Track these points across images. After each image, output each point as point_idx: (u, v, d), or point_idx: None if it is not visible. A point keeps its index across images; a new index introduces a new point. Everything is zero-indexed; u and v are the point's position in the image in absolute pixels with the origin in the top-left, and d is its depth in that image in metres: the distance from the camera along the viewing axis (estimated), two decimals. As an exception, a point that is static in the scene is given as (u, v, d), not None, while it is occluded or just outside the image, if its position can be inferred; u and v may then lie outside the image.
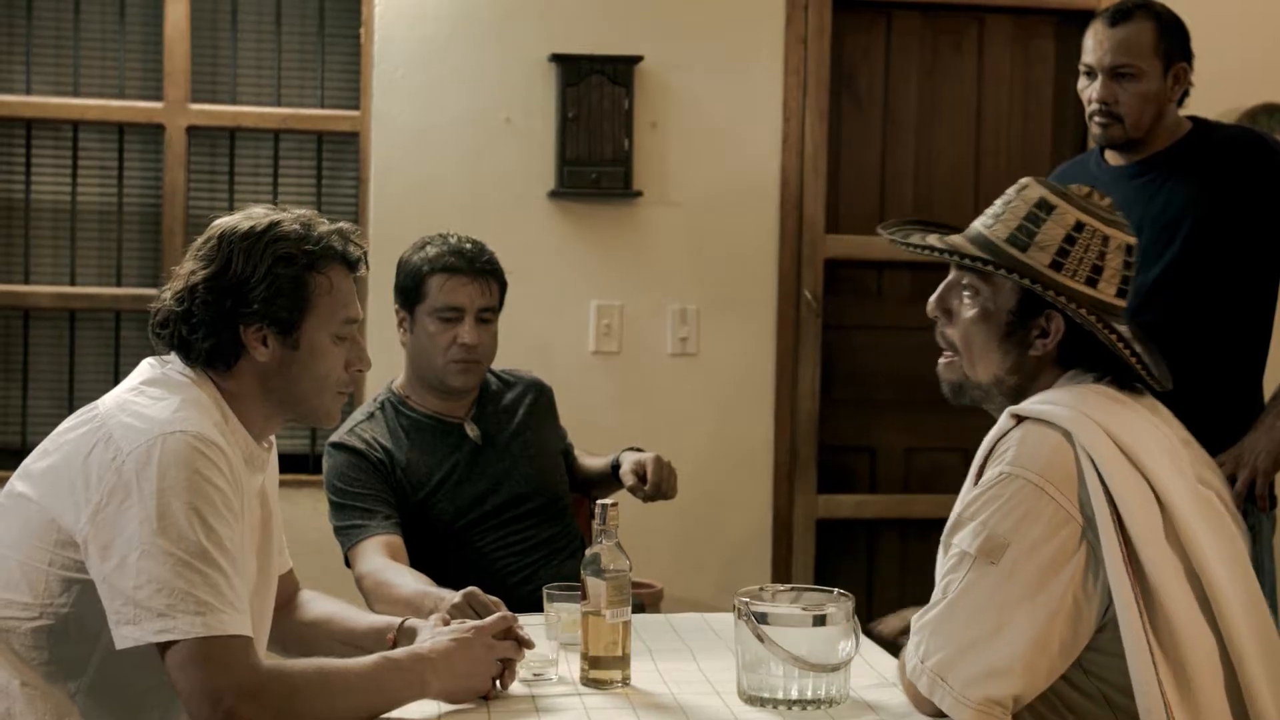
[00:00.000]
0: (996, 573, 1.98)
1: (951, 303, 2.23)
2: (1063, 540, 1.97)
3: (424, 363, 3.03)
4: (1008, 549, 1.98)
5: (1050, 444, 2.01)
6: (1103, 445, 2.00)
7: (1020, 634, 1.95)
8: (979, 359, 2.17)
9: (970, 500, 2.06)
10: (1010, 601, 1.97)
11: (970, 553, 2.01)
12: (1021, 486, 1.99)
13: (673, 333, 4.29)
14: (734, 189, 4.30)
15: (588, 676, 2.20)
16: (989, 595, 1.98)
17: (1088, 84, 3.18)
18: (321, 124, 4.25)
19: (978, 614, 1.98)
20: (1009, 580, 1.98)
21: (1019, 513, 1.99)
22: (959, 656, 1.97)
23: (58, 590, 2.00)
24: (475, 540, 3.00)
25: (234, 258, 2.08)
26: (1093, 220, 2.12)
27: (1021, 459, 2.01)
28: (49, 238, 4.21)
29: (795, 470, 4.37)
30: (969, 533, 2.03)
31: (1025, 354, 2.13)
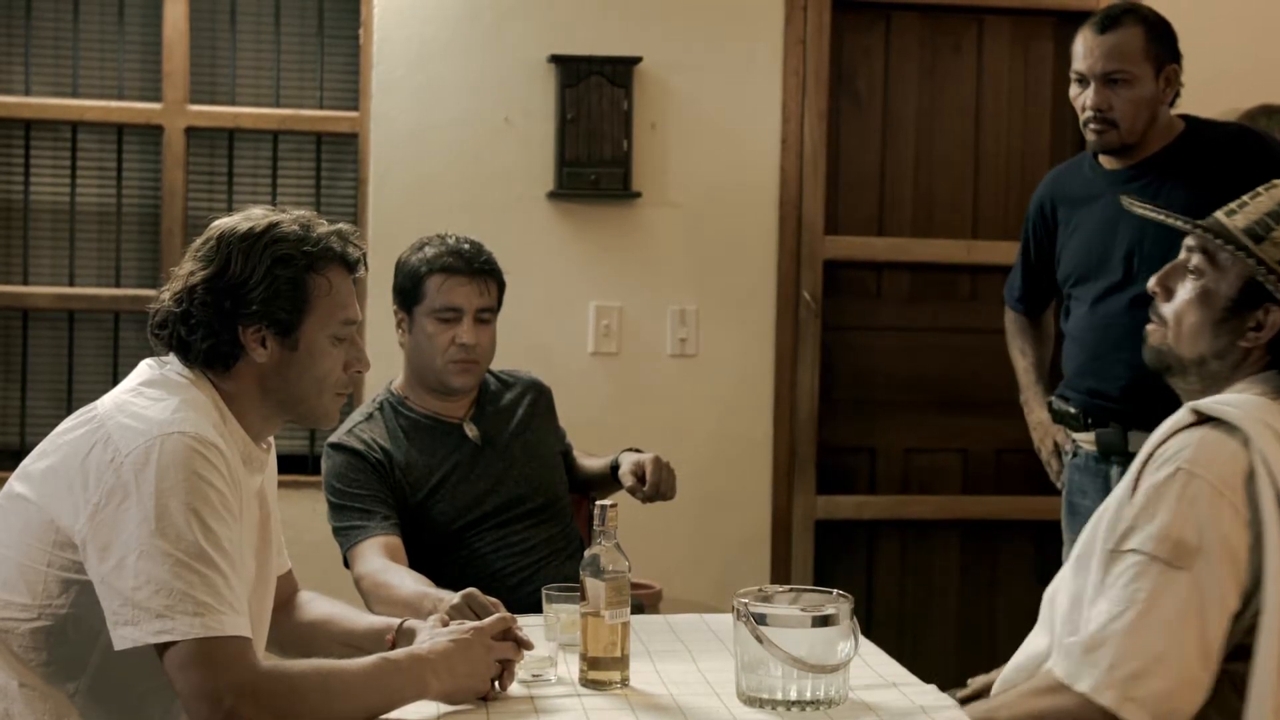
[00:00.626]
0: (1190, 579, 1.95)
1: (1173, 282, 2.22)
2: (1237, 545, 1.96)
3: (423, 363, 3.03)
4: (1199, 554, 1.96)
5: (1229, 448, 2.00)
6: (1272, 444, 1.99)
7: (1211, 644, 1.94)
8: (1188, 337, 2.18)
9: (1145, 501, 2.02)
10: (1207, 609, 1.94)
11: (1159, 557, 1.97)
12: (1201, 487, 1.98)
13: (672, 333, 4.29)
14: (733, 190, 4.30)
15: (586, 677, 2.20)
16: (1184, 603, 1.95)
17: (1080, 91, 3.19)
18: (320, 125, 4.25)
19: (1174, 624, 1.94)
20: (1202, 588, 1.95)
21: (1204, 516, 1.97)
22: (1155, 668, 1.93)
23: (56, 591, 2.00)
24: (474, 541, 3.00)
25: (233, 259, 2.08)
26: None
27: (1200, 460, 2.00)
28: (48, 238, 4.21)
29: (794, 471, 4.37)
30: (1151, 536, 1.99)
31: (1235, 343, 2.14)
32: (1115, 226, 3.21)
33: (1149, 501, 2.01)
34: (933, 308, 4.50)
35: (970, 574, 4.55)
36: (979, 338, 4.48)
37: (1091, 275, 3.29)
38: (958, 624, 4.54)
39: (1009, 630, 4.55)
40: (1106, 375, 3.23)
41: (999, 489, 4.53)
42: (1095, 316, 3.28)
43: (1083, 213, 3.33)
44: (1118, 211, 3.01)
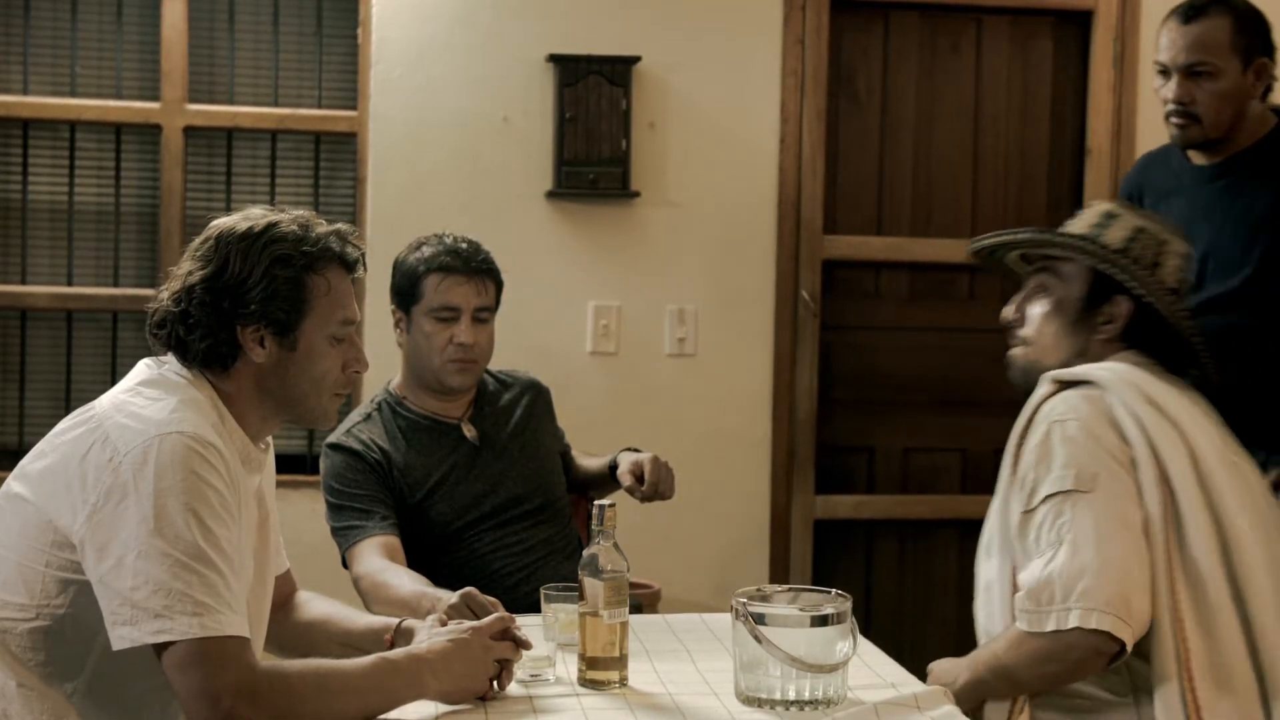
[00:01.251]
0: (1101, 497, 2.16)
1: (1025, 306, 2.47)
2: (1126, 466, 2.18)
3: (421, 363, 3.03)
4: (1097, 475, 2.18)
5: (1089, 398, 2.24)
6: (1134, 396, 2.22)
7: (1141, 547, 2.15)
8: (1049, 348, 2.41)
9: (1035, 459, 2.24)
10: (1127, 516, 2.15)
11: (1067, 490, 2.18)
12: (1077, 428, 2.21)
13: (670, 333, 4.29)
14: (732, 189, 4.30)
15: (585, 677, 2.20)
16: (1104, 517, 2.15)
17: (1162, 83, 3.04)
18: (319, 124, 4.24)
19: (1103, 537, 2.14)
20: (1114, 502, 2.17)
21: (1088, 446, 2.20)
22: (1102, 578, 2.11)
23: (54, 591, 2.00)
24: (472, 541, 3.00)
25: (231, 259, 2.08)
26: (1151, 224, 2.40)
27: (1068, 411, 2.23)
28: (46, 238, 4.21)
29: (793, 470, 4.37)
30: (1054, 479, 2.20)
31: (1091, 339, 2.37)
32: (1193, 226, 3.04)
33: (1039, 458, 2.24)
34: (931, 307, 4.50)
35: (969, 574, 4.52)
36: (978, 337, 4.48)
37: None
38: (956, 623, 4.54)
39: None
40: None
41: (998, 489, 4.52)
42: None
43: (1164, 208, 3.17)
44: (1197, 210, 2.97)
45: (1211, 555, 2.18)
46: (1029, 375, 2.45)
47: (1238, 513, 2.20)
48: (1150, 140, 4.42)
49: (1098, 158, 4.45)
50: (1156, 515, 2.18)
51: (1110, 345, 2.37)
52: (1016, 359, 2.50)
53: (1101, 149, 4.44)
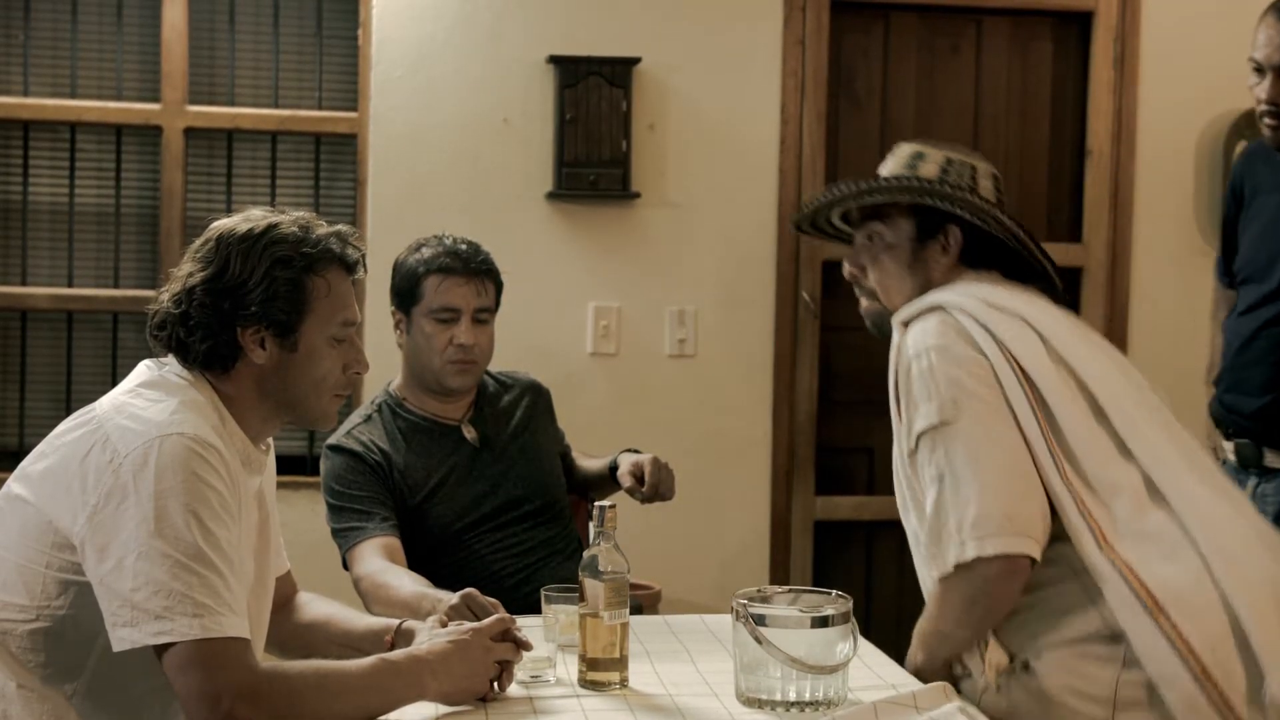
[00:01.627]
0: (966, 423, 2.15)
1: (863, 259, 2.47)
2: (986, 379, 2.16)
3: (421, 364, 3.03)
4: (959, 401, 2.16)
5: (932, 321, 2.24)
6: (976, 305, 2.22)
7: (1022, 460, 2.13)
8: (894, 291, 2.41)
9: (904, 403, 2.25)
10: (998, 435, 2.13)
11: (936, 425, 2.17)
12: (930, 359, 2.20)
13: (671, 334, 4.29)
14: (732, 190, 4.30)
15: (585, 678, 2.20)
16: (976, 441, 2.14)
17: (1257, 80, 2.96)
18: (319, 125, 4.24)
19: (978, 462, 2.13)
20: (980, 423, 2.15)
21: (945, 374, 2.18)
22: (988, 504, 2.10)
23: (54, 592, 2.00)
24: (473, 542, 3.00)
25: (232, 260, 2.08)
26: (957, 154, 2.43)
27: (918, 346, 2.22)
28: (46, 239, 4.21)
29: (793, 471, 4.37)
30: (921, 417, 2.20)
31: (932, 273, 2.38)
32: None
33: (906, 402, 2.25)
34: (931, 308, 4.49)
35: (969, 574, 4.53)
36: (978, 338, 4.47)
37: (1252, 277, 3.09)
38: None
39: (1008, 631, 4.55)
40: (1243, 390, 3.06)
41: (998, 489, 4.52)
42: (1243, 323, 3.08)
43: (1259, 203, 3.12)
44: None
45: (1086, 421, 2.17)
46: (882, 324, 2.46)
47: (1101, 377, 2.21)
48: (1150, 141, 4.44)
49: (1098, 158, 4.45)
50: (1026, 410, 2.16)
51: (951, 273, 2.38)
52: (867, 312, 2.50)
53: (1101, 150, 4.44)
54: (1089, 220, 4.48)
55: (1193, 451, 2.24)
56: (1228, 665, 2.05)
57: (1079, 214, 4.51)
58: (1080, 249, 4.48)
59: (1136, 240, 4.46)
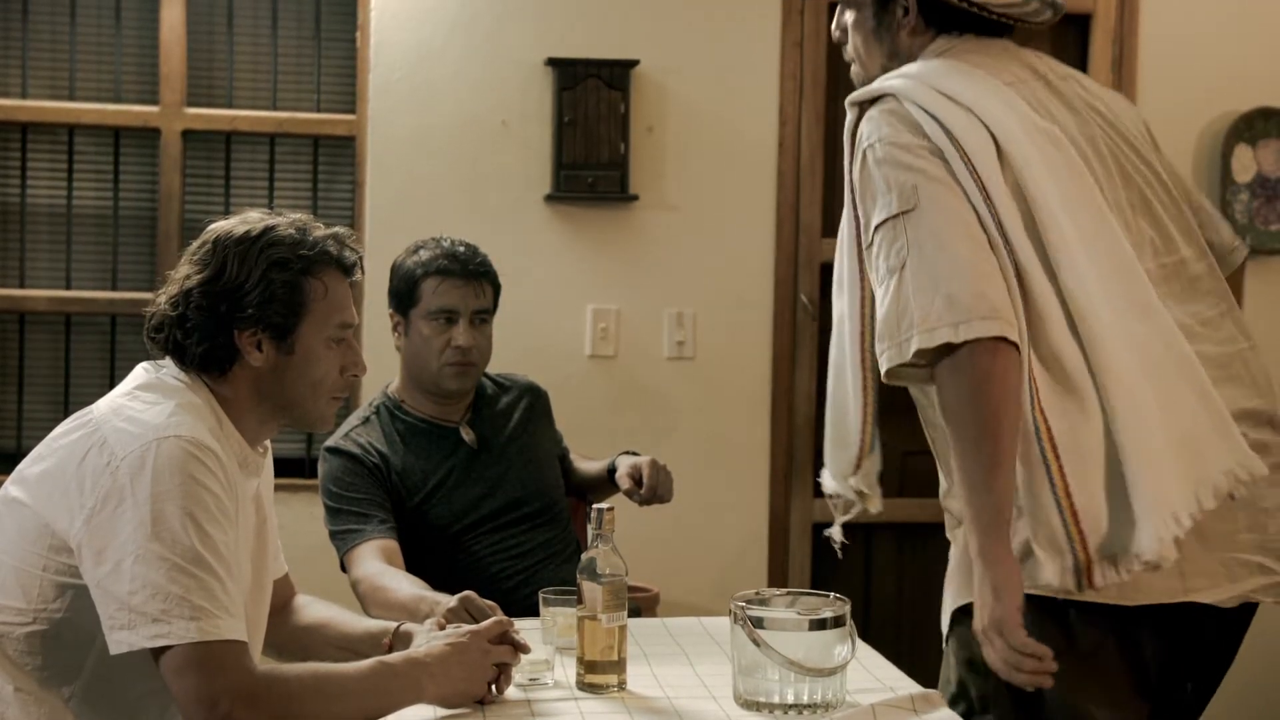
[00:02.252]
0: (928, 209, 2.05)
1: (843, 20, 2.41)
2: (939, 166, 2.08)
3: (419, 366, 3.03)
4: (919, 187, 2.07)
5: (888, 111, 2.15)
6: (927, 94, 2.14)
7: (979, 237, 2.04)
8: (868, 59, 2.37)
9: (859, 193, 2.17)
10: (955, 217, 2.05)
11: (893, 213, 2.07)
12: (884, 147, 2.11)
13: (669, 336, 4.28)
14: (730, 193, 4.30)
15: (584, 681, 2.20)
16: (935, 227, 2.04)
17: None
18: (317, 128, 4.24)
19: (944, 245, 2.03)
20: (941, 209, 2.05)
21: (901, 161, 2.09)
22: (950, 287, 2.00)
23: (51, 595, 2.00)
24: (471, 544, 3.00)
25: (229, 262, 2.08)
26: None
27: (872, 134, 2.13)
28: (45, 241, 4.21)
29: (792, 474, 4.37)
30: (880, 207, 2.10)
31: (897, 36, 2.32)
32: None
33: (863, 190, 2.15)
34: (930, 310, 4.49)
35: (968, 577, 4.53)
36: (976, 340, 4.47)
37: None
38: (955, 627, 4.53)
39: (1006, 633, 4.54)
40: None
41: (997, 492, 4.51)
42: None
43: None
44: None
45: (1018, 232, 2.07)
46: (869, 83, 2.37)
47: (1038, 182, 2.09)
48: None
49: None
50: (978, 198, 2.07)
51: (917, 39, 2.31)
52: (855, 77, 2.40)
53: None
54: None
55: (1127, 273, 2.11)
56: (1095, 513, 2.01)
57: (1077, 216, 4.50)
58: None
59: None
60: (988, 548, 2.06)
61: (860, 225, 2.18)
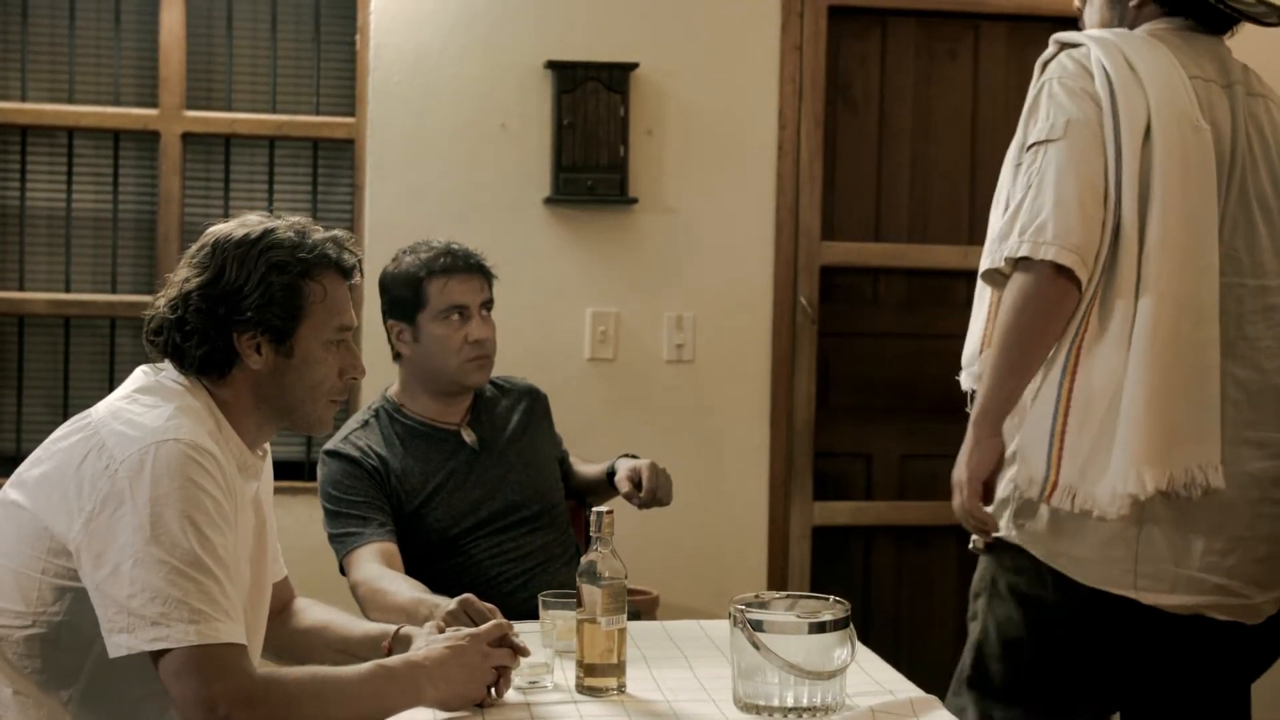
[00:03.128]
0: (1067, 144, 2.34)
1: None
2: (1092, 116, 2.35)
3: (435, 368, 3.01)
4: (1070, 123, 2.35)
5: (1076, 56, 2.42)
6: (1114, 55, 2.39)
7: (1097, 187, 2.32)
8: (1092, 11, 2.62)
9: (1025, 118, 2.46)
10: (1087, 160, 2.33)
11: (1041, 139, 2.37)
12: (1059, 84, 2.39)
13: (669, 339, 4.28)
14: (730, 196, 4.30)
15: (583, 684, 2.20)
16: (1065, 161, 2.32)
17: None
18: (317, 131, 4.24)
19: (1061, 179, 2.32)
20: (1078, 148, 2.33)
21: (1067, 99, 2.37)
22: (1055, 216, 2.29)
23: (50, 598, 1.99)
24: (470, 548, 3.00)
25: (228, 265, 2.08)
26: None
27: (1055, 70, 2.43)
28: (44, 244, 4.20)
29: (791, 477, 4.37)
30: (1035, 131, 2.40)
31: (1126, 9, 2.56)
32: None
33: (1029, 115, 2.45)
34: (930, 313, 4.50)
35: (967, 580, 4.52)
36: (976, 343, 4.47)
37: None
38: (955, 629, 4.53)
39: (1006, 636, 4.54)
40: None
41: (996, 495, 4.51)
42: None
43: None
44: None
45: (1130, 198, 2.33)
46: None
47: (1173, 167, 2.33)
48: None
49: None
50: (1112, 157, 2.35)
51: (1143, 10, 2.54)
52: (1077, 14, 2.69)
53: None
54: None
55: (1201, 274, 2.35)
56: (1079, 449, 2.31)
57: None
58: (1078, 254, 4.48)
59: (1134, 245, 4.45)
60: (981, 429, 2.44)
61: (1021, 141, 2.46)
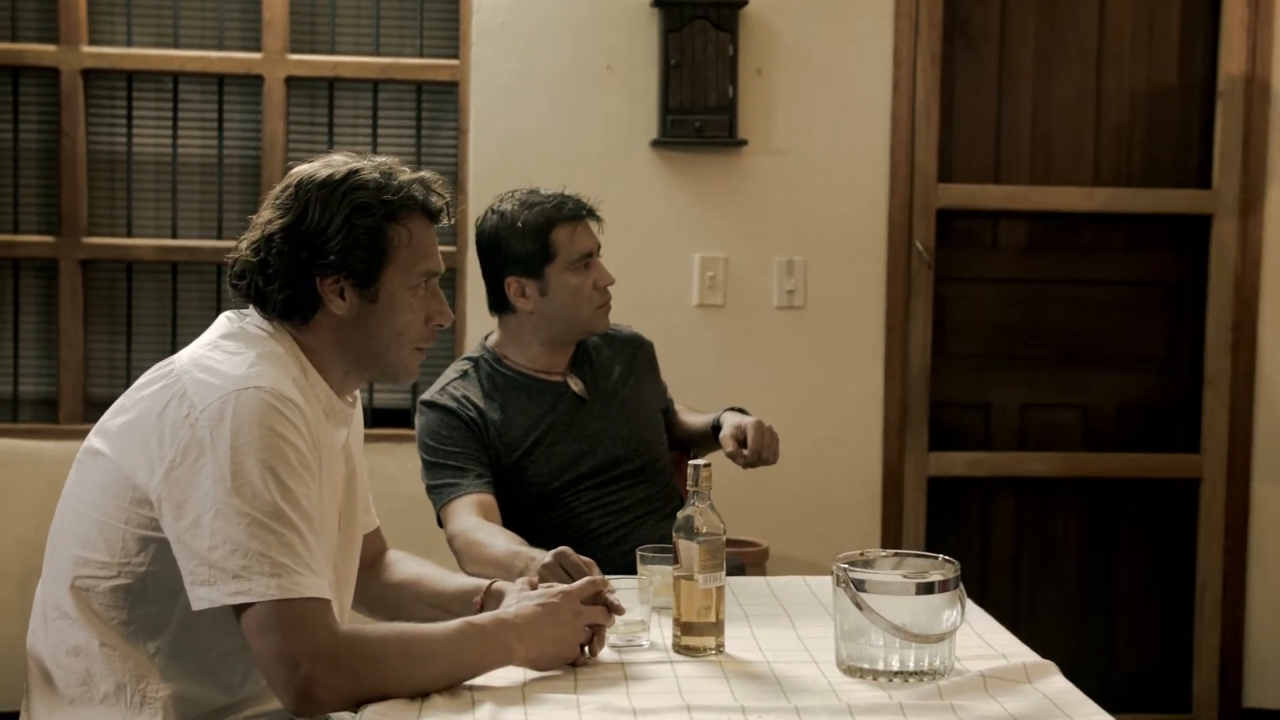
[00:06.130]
0: None
1: None
2: None
3: (566, 318, 2.93)
4: None
5: None
6: None
7: None
8: None
9: None
10: None
11: None
12: None
13: (779, 285, 4.17)
14: (842, 137, 4.16)
15: (680, 643, 2.12)
16: None
17: None
18: (421, 73, 4.17)
19: None
20: None
21: None
22: None
23: (135, 549, 1.96)
24: (570, 501, 2.92)
25: (310, 207, 2.01)
26: None
27: None
28: (151, 191, 4.20)
29: (906, 427, 4.25)
30: None
31: None
32: None
33: None
34: (1051, 258, 4.34)
35: (1090, 534, 4.39)
36: (1100, 289, 4.31)
37: None
38: (1078, 588, 4.39)
39: (1131, 593, 4.40)
40: None
41: (1120, 446, 4.36)
42: None
43: None
44: None
45: None
46: None
47: None
48: (1286, 81, 4.22)
49: (1230, 100, 4.24)
50: None
51: None
52: None
53: (1234, 91, 4.23)
54: (1219, 166, 4.27)
55: None
56: None
57: (1208, 159, 4.31)
58: (1209, 195, 4.28)
59: (1270, 186, 4.25)
60: None
61: None
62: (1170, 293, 4.36)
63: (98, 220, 4.17)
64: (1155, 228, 4.34)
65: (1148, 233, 4.34)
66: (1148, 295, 4.35)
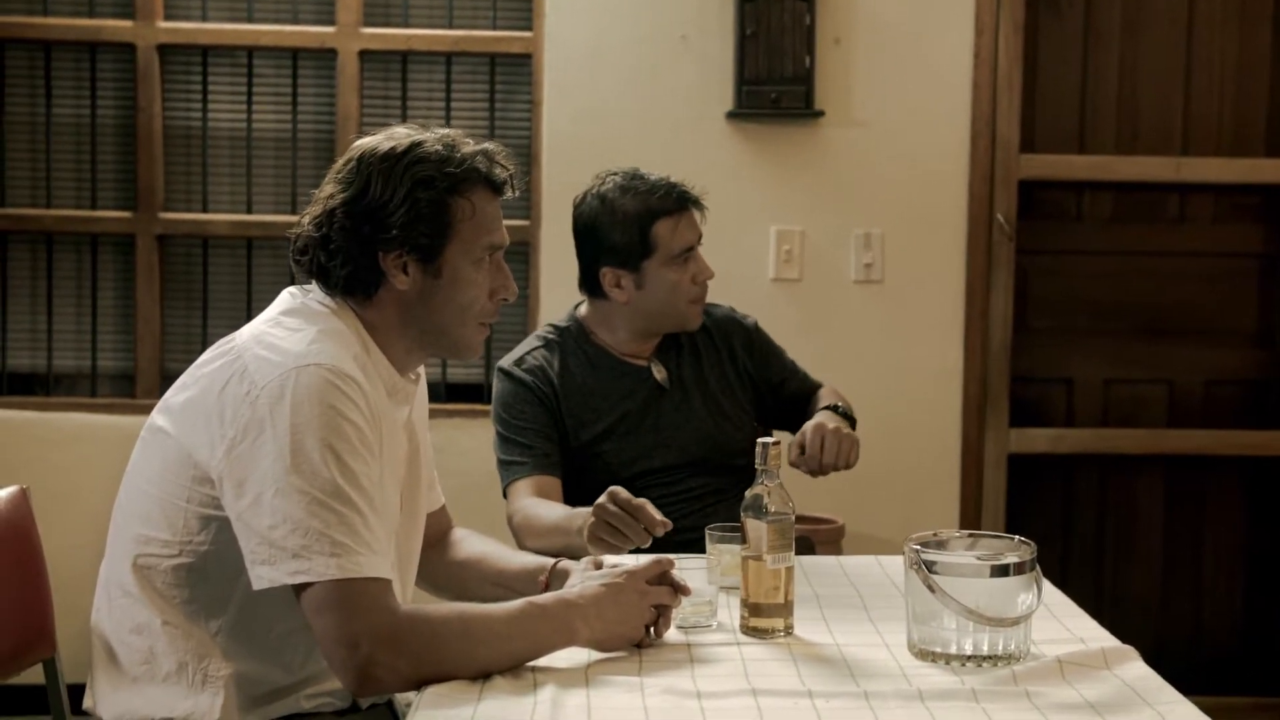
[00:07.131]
0: None
1: None
2: None
3: (660, 313, 2.87)
4: None
5: None
6: None
7: None
8: None
9: None
10: None
11: None
12: None
13: (856, 259, 4.10)
14: (922, 108, 4.08)
15: (748, 625, 2.07)
16: None
17: None
18: (494, 46, 4.14)
19: None
20: None
21: None
22: None
23: (196, 527, 1.95)
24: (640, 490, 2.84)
25: (372, 181, 1.98)
26: None
27: None
28: (226, 166, 4.20)
29: (986, 402, 4.17)
30: None
31: None
32: None
33: None
34: (1137, 230, 4.23)
35: (1175, 513, 4.30)
36: (1187, 261, 4.21)
37: None
38: (1163, 568, 4.30)
39: (1217, 574, 4.30)
40: None
41: (1207, 423, 4.25)
42: None
43: None
44: None
45: None
46: None
47: None
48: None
49: (1323, 67, 4.12)
50: None
51: None
52: None
53: (1328, 57, 4.11)
54: (1314, 134, 4.15)
55: None
56: None
57: (1301, 127, 4.19)
58: (1302, 165, 4.17)
59: (1365, 155, 4.13)
60: None
61: None
62: (1261, 265, 4.24)
63: (174, 196, 4.18)
64: (1245, 198, 4.22)
65: (1237, 203, 4.22)
66: (1237, 267, 4.24)
